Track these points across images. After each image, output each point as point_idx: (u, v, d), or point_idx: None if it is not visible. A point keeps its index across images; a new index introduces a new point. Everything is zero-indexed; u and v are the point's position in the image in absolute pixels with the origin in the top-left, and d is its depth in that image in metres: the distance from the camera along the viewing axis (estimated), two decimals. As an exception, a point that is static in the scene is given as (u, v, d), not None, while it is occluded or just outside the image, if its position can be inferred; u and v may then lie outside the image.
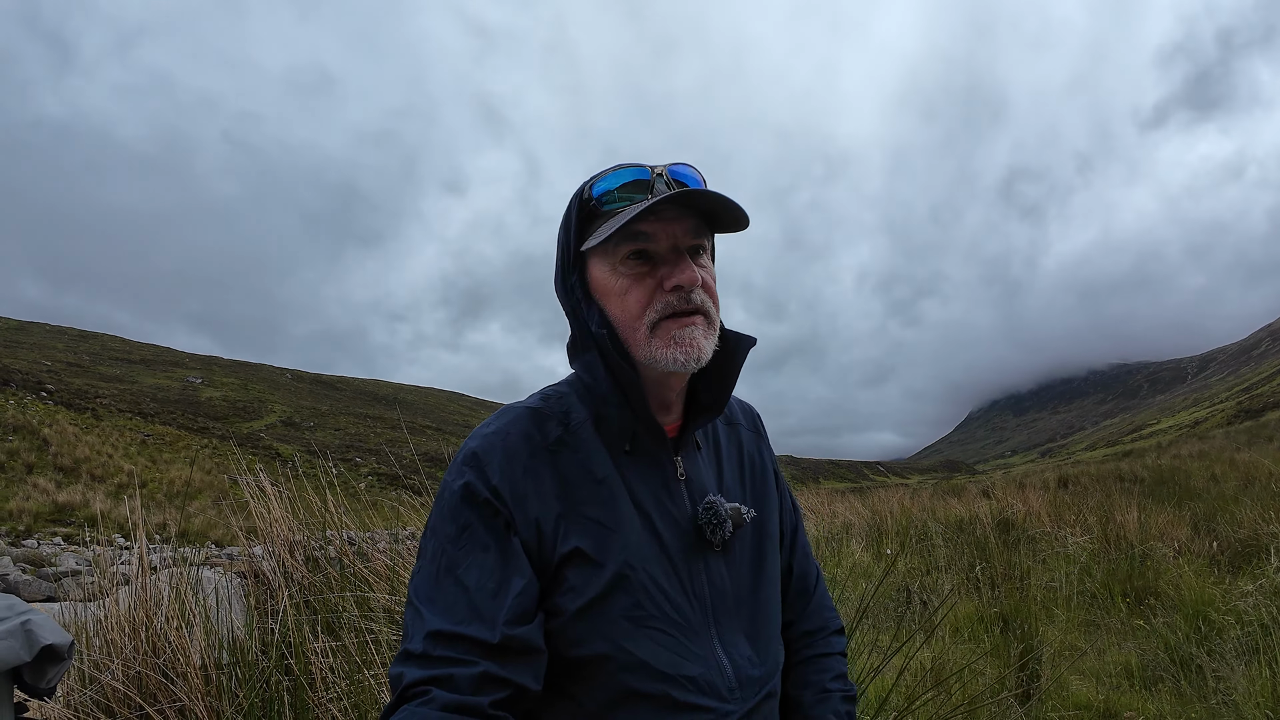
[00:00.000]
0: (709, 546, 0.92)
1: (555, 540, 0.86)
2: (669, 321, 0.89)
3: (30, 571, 11.05)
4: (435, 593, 0.83)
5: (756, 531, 0.98)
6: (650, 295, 0.89)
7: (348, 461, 35.52)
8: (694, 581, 0.90)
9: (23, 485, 22.15)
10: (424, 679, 0.78)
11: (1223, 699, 3.05)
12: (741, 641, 0.91)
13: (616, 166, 0.92)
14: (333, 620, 2.42)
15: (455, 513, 0.86)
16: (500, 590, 0.82)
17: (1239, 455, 14.03)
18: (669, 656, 0.85)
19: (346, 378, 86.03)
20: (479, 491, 0.86)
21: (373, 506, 3.67)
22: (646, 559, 0.87)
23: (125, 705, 2.11)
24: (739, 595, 0.93)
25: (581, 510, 0.88)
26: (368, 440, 45.22)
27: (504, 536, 0.85)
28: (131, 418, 38.12)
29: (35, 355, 53.39)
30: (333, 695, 2.09)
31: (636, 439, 0.93)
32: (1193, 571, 4.83)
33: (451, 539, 0.85)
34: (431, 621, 0.81)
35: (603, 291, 0.92)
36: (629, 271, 0.90)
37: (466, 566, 0.83)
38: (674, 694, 0.84)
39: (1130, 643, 4.08)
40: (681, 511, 0.92)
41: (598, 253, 0.92)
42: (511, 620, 0.81)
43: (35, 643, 1.59)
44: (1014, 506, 8.11)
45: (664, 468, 0.94)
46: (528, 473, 0.88)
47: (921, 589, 5.25)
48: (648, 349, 0.89)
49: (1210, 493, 8.77)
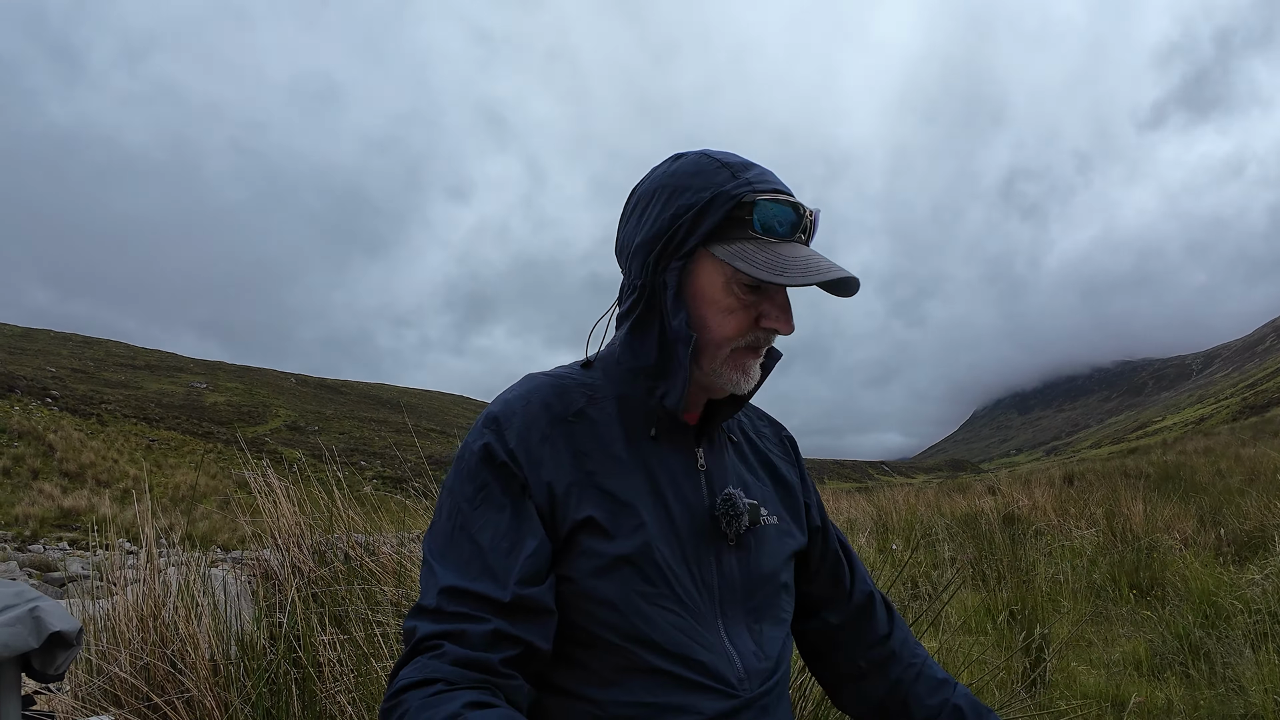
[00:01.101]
0: (723, 538, 0.92)
1: (568, 507, 0.86)
2: (746, 351, 0.91)
3: (37, 576, 11.09)
4: (449, 549, 0.84)
5: (777, 536, 0.98)
6: (748, 326, 0.89)
7: (352, 465, 35.57)
8: (703, 570, 0.89)
9: (28, 491, 22.22)
10: (437, 633, 0.78)
11: (1232, 685, 3.05)
12: (745, 634, 0.91)
13: (771, 179, 0.87)
14: (340, 613, 2.42)
15: (474, 473, 0.87)
16: (513, 550, 0.82)
17: (1244, 450, 13.97)
18: (680, 637, 0.85)
19: (351, 381, 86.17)
20: (497, 453, 0.86)
21: (378, 509, 3.69)
22: (659, 539, 0.87)
23: (133, 695, 2.12)
24: (748, 589, 0.93)
25: (596, 481, 0.88)
26: (372, 444, 45.30)
27: (519, 498, 0.85)
28: (136, 423, 38.24)
29: (40, 361, 53.59)
30: (341, 686, 2.10)
31: (662, 424, 0.93)
32: (1199, 562, 4.82)
33: (468, 498, 0.86)
34: (444, 577, 0.81)
35: (703, 297, 0.89)
36: (741, 296, 0.88)
37: (481, 525, 0.83)
38: (686, 674, 0.84)
39: (1138, 632, 4.07)
40: (698, 500, 0.92)
41: (712, 258, 0.87)
42: (523, 580, 0.80)
43: (44, 629, 1.60)
44: (1019, 502, 8.09)
45: (685, 456, 0.94)
46: (545, 439, 0.88)
47: (927, 582, 5.24)
48: (718, 366, 0.90)
49: (1216, 487, 8.75)
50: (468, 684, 0.75)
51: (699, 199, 0.86)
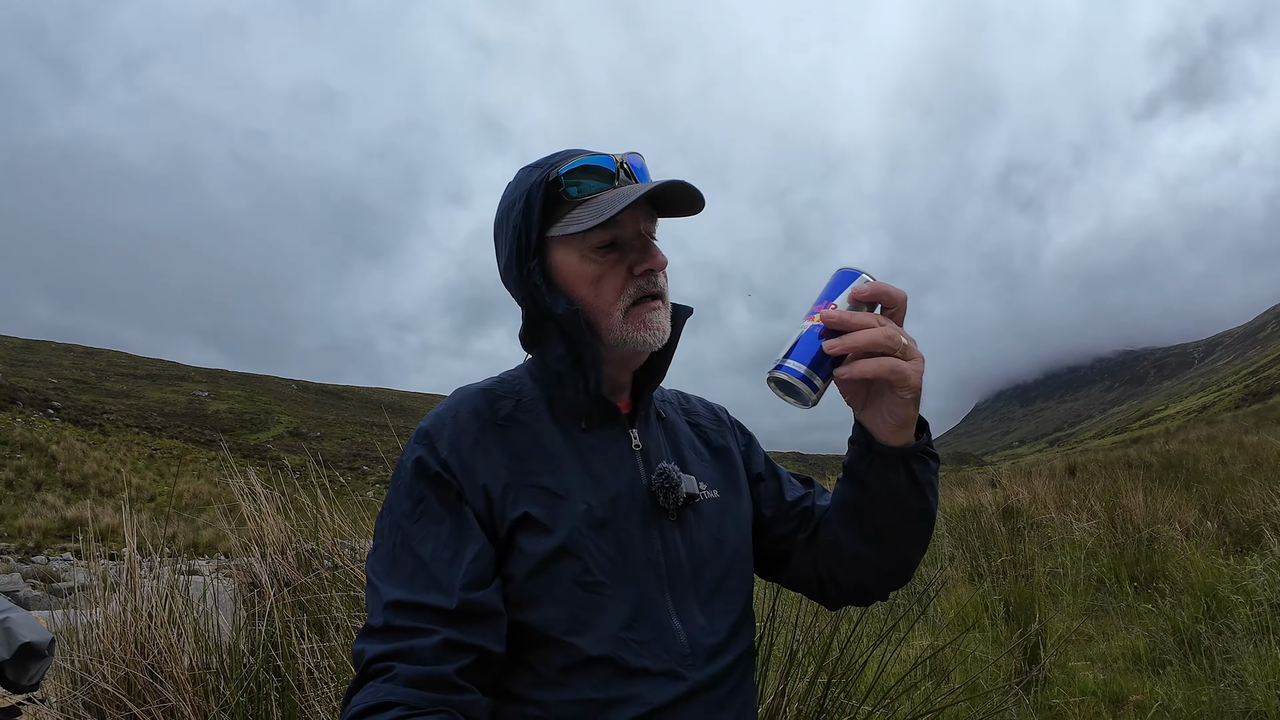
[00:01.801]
0: (664, 514, 0.92)
1: (505, 507, 0.87)
2: (639, 306, 0.92)
3: (41, 588, 11.08)
4: (393, 567, 0.84)
5: (719, 510, 0.98)
6: (623, 282, 0.92)
7: (355, 470, 35.59)
8: (649, 549, 0.90)
9: (31, 502, 22.26)
10: (386, 653, 0.78)
11: (1233, 680, 3.01)
12: (696, 611, 0.91)
13: (577, 153, 0.92)
14: (323, 620, 2.40)
15: (409, 488, 0.87)
16: (456, 557, 0.83)
17: (1247, 438, 13.90)
18: (620, 621, 0.85)
19: (352, 387, 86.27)
20: (429, 465, 0.87)
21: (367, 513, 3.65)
22: (597, 525, 0.87)
23: (114, 706, 2.10)
24: (696, 566, 0.93)
25: (530, 479, 0.88)
26: (375, 448, 45.34)
27: (457, 507, 0.86)
28: (139, 432, 38.30)
29: (41, 373, 53.71)
30: (321, 695, 2.08)
31: (591, 417, 0.94)
32: (1200, 553, 4.78)
33: (406, 514, 0.86)
34: (388, 593, 0.82)
35: (570, 278, 0.92)
36: (601, 259, 0.92)
37: (422, 539, 0.84)
38: (626, 658, 0.84)
39: (1137, 627, 4.03)
40: (636, 479, 0.93)
41: (563, 240, 0.92)
42: (468, 585, 0.81)
43: (14, 640, 1.59)
44: (1019, 494, 8.05)
45: (619, 441, 0.95)
46: (476, 445, 0.89)
47: (925, 579, 5.21)
48: (620, 332, 0.92)
49: (1218, 475, 8.70)
50: (426, 706, 0.75)
51: (527, 202, 0.92)
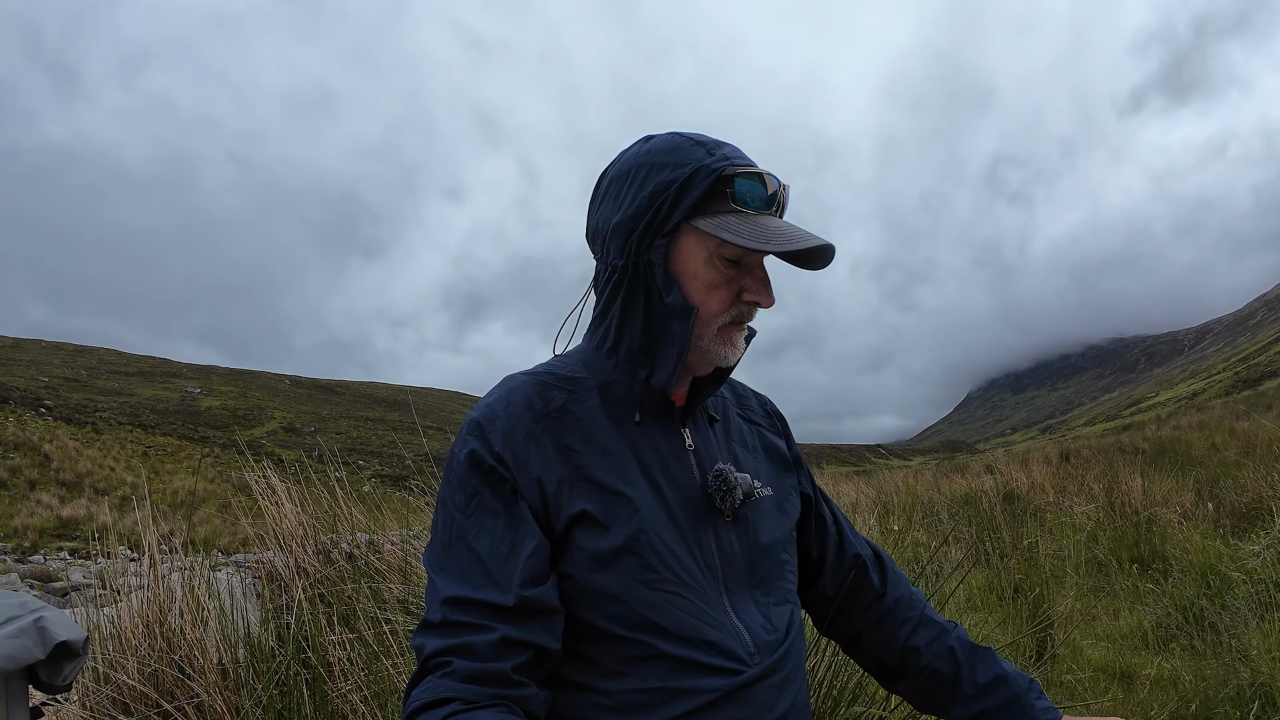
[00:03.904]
0: (719, 515, 0.91)
1: (561, 503, 0.85)
2: (733, 326, 0.92)
3: (39, 587, 11.03)
4: (448, 561, 0.83)
5: (772, 508, 0.98)
6: (730, 300, 0.91)
7: (350, 465, 35.49)
8: (703, 549, 0.89)
9: (26, 502, 22.13)
10: (444, 648, 0.78)
11: (1238, 654, 3.06)
12: (752, 608, 0.91)
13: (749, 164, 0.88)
14: (348, 612, 2.41)
15: (463, 481, 0.86)
16: (512, 553, 0.82)
17: (1238, 424, 14.03)
18: (686, 619, 0.85)
19: (346, 381, 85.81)
20: (483, 459, 0.85)
21: (380, 507, 3.67)
22: (656, 524, 0.86)
23: (142, 703, 2.11)
24: (750, 563, 0.93)
25: (586, 474, 0.87)
26: (370, 443, 45.23)
27: (512, 501, 0.85)
28: (132, 430, 38.07)
29: (32, 372, 53.23)
30: (352, 685, 2.09)
31: (646, 408, 0.93)
32: (1199, 534, 4.84)
33: (460, 508, 0.85)
34: (446, 589, 0.81)
35: (688, 272, 0.89)
36: (724, 270, 0.89)
37: (477, 533, 0.83)
38: (695, 656, 0.84)
39: (1141, 606, 4.10)
40: (689, 480, 0.92)
41: (697, 233, 0.88)
42: (526, 582, 0.81)
43: (49, 640, 1.58)
44: (1018, 480, 8.13)
45: (672, 438, 0.94)
46: (530, 438, 0.87)
47: (931, 561, 5.27)
48: (708, 343, 0.91)
49: (1212, 460, 8.79)
50: (484, 701, 0.75)
51: (680, 174, 0.86)
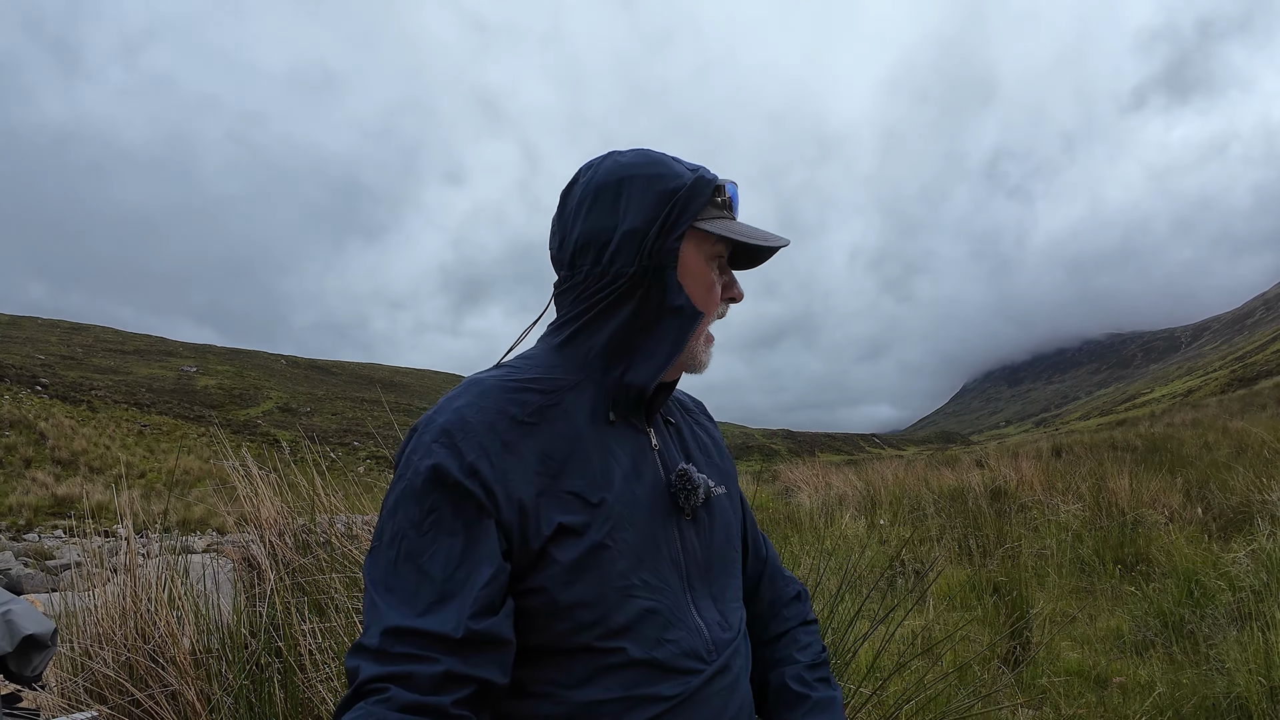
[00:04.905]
0: (681, 513, 0.93)
1: (539, 519, 0.82)
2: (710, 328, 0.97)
3: (33, 565, 11.06)
4: (394, 581, 0.78)
5: (726, 506, 1.01)
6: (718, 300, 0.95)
7: (346, 446, 35.55)
8: (669, 548, 0.90)
9: (21, 480, 22.15)
10: (382, 675, 0.73)
11: (1215, 664, 3.07)
12: (710, 605, 0.93)
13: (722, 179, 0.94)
14: (323, 602, 2.41)
15: (420, 495, 0.80)
16: (467, 580, 0.77)
17: (1232, 423, 14.06)
18: (656, 620, 0.85)
19: (342, 362, 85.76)
20: (450, 473, 0.80)
21: (371, 490, 3.66)
22: (626, 526, 0.86)
23: (116, 691, 2.12)
24: (708, 561, 0.95)
25: (562, 484, 0.84)
26: (365, 424, 45.24)
27: (474, 521, 0.79)
28: (127, 409, 38.06)
29: (28, 349, 53.12)
30: (322, 676, 2.10)
31: (618, 408, 0.92)
32: (1184, 538, 4.86)
33: (415, 523, 0.79)
34: (389, 616, 0.75)
35: (692, 274, 0.92)
36: (718, 270, 0.95)
37: (431, 554, 0.78)
38: (660, 658, 0.84)
39: (1122, 609, 4.12)
40: (656, 479, 0.93)
41: (697, 238, 0.92)
42: (477, 613, 0.76)
43: (16, 633, 1.59)
44: (1006, 475, 8.15)
45: (640, 437, 0.94)
46: (506, 448, 0.82)
47: (914, 559, 5.29)
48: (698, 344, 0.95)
49: (1203, 460, 8.81)
50: None
51: (681, 182, 0.90)
